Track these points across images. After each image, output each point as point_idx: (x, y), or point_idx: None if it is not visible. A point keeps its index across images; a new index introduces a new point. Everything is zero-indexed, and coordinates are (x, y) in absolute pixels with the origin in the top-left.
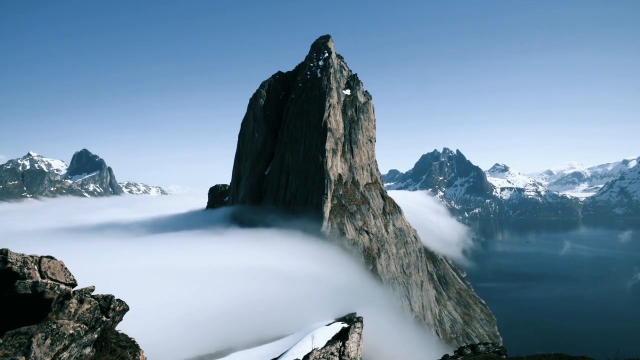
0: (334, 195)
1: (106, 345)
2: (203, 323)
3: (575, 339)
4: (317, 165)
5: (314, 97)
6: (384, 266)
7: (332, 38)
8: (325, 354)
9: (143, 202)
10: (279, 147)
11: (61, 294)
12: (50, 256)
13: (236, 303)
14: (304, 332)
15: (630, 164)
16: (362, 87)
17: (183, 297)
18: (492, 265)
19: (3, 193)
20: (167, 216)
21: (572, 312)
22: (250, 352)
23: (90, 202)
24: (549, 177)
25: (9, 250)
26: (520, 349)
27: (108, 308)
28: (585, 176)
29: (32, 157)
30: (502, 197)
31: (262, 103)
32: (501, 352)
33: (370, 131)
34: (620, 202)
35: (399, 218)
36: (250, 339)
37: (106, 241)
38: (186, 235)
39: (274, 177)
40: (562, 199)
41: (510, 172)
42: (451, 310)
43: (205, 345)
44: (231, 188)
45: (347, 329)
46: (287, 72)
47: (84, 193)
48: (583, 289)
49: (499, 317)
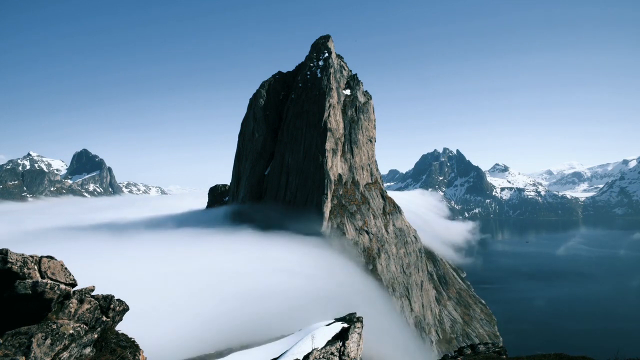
0: (334, 195)
1: (106, 345)
2: (203, 323)
3: (575, 339)
4: (317, 165)
5: (314, 97)
6: (384, 266)
7: (332, 38)
8: (325, 354)
9: (144, 202)
10: (279, 147)
11: (61, 294)
12: (50, 256)
13: (236, 303)
14: (304, 332)
15: (630, 164)
16: (362, 87)
17: (183, 297)
18: (492, 265)
19: (3, 193)
20: (167, 216)
21: (572, 312)
22: (250, 352)
23: (91, 202)
24: (549, 177)
25: (9, 250)
26: (520, 349)
27: (108, 308)
28: (585, 176)
29: (32, 157)
30: (502, 197)
31: (262, 103)
32: (501, 352)
33: (370, 131)
34: (620, 202)
35: (399, 218)
36: (250, 339)
37: (104, 241)
38: (186, 235)
39: (274, 177)
40: (562, 199)
41: (510, 172)
42: (451, 310)
43: (205, 345)
44: (231, 188)
45: (347, 329)
46: (287, 72)
47: (84, 193)
48: (583, 289)
49: (499, 317)
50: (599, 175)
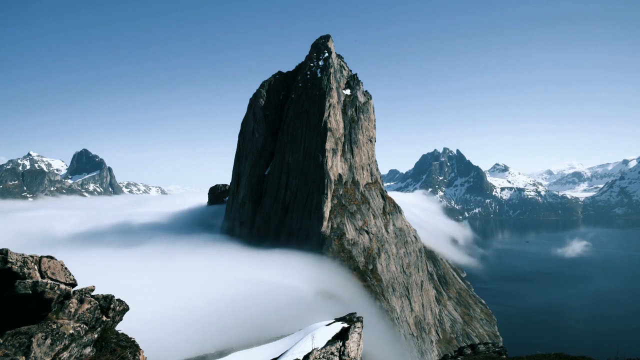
0: (334, 195)
1: (106, 345)
2: (203, 323)
3: (575, 339)
4: (317, 165)
5: (314, 97)
6: (384, 266)
7: (332, 38)
8: (325, 354)
9: (144, 202)
10: (279, 147)
11: (61, 293)
12: (50, 256)
13: (236, 303)
14: (304, 332)
15: (630, 164)
16: (362, 87)
17: (183, 297)
18: (492, 265)
19: (3, 193)
20: (167, 216)
21: (572, 312)
22: (250, 352)
23: (92, 202)
24: (549, 177)
25: (9, 250)
26: (520, 349)
27: (108, 308)
28: (585, 176)
29: (32, 157)
30: (502, 197)
31: (262, 103)
32: (501, 352)
33: (370, 131)
34: (620, 202)
35: (399, 218)
36: (250, 338)
37: (104, 242)
38: (185, 235)
39: (274, 177)
40: (562, 199)
41: (510, 172)
42: (451, 310)
43: (205, 345)
44: (231, 188)
45: (347, 328)
46: (287, 72)
47: (84, 193)
48: (583, 289)
49: (499, 317)
50: (599, 175)
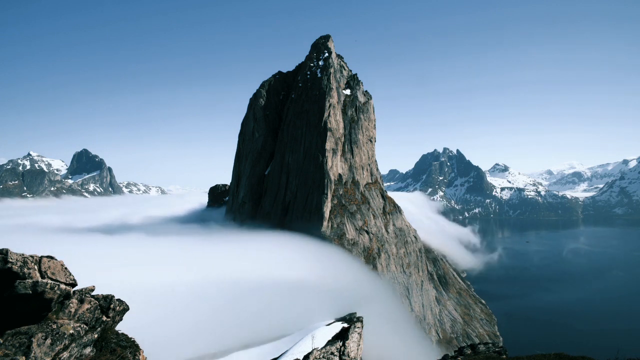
0: (334, 195)
1: (106, 345)
2: (203, 323)
3: (575, 339)
4: (317, 165)
5: (314, 97)
6: (384, 266)
7: (332, 38)
8: (325, 354)
9: (144, 202)
10: (279, 147)
11: (61, 293)
12: (50, 256)
13: (236, 303)
14: (304, 332)
15: (630, 164)
16: (362, 87)
17: (183, 297)
18: (492, 264)
19: (3, 193)
20: (167, 216)
21: (572, 311)
22: (250, 352)
23: (91, 202)
24: (549, 177)
25: (9, 250)
26: (520, 349)
27: (108, 308)
28: (585, 176)
29: (32, 157)
30: (502, 197)
31: (262, 103)
32: (501, 352)
33: (370, 131)
34: (621, 202)
35: (399, 218)
36: (250, 338)
37: (104, 241)
38: (185, 234)
39: (274, 177)
40: (562, 199)
41: (510, 172)
42: (451, 310)
43: (205, 345)
44: (231, 188)
45: (347, 328)
46: (287, 72)
47: (84, 193)
48: (583, 289)
49: (499, 317)
50: (599, 175)
